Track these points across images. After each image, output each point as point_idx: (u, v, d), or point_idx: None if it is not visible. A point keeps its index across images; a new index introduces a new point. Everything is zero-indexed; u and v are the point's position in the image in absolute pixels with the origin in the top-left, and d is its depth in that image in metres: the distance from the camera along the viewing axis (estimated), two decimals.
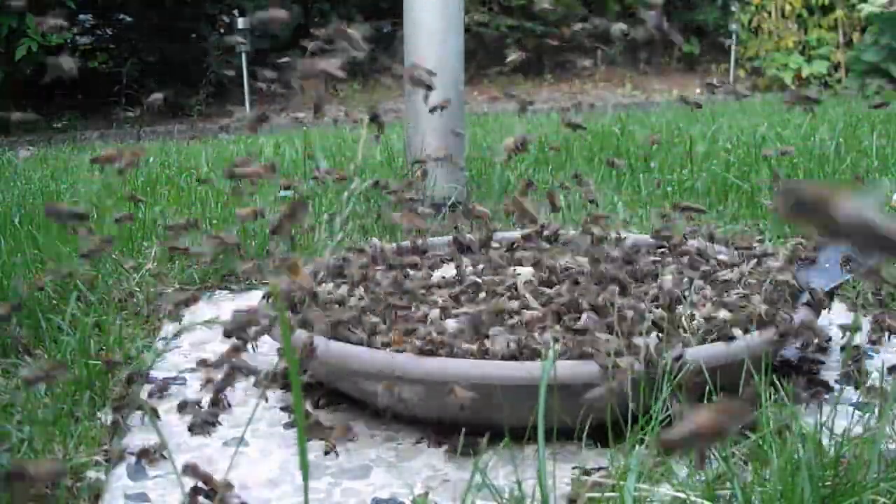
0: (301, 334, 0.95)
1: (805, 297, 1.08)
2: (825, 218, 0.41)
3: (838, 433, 0.80)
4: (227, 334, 0.91)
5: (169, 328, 1.34)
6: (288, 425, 1.00)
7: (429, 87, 0.91)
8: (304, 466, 0.50)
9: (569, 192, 1.85)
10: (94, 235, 1.04)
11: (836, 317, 1.24)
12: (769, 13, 6.97)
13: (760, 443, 0.79)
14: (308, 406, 1.03)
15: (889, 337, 1.13)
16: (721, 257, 1.24)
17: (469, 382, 0.87)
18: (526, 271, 1.12)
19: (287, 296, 1.07)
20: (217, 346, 1.27)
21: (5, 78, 4.88)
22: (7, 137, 4.96)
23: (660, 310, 1.02)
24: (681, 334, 0.97)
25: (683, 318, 1.00)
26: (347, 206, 1.03)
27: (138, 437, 0.97)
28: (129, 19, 6.11)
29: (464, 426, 0.87)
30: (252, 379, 1.11)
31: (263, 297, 1.22)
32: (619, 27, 1.00)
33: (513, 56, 1.57)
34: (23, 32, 4.80)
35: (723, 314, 1.01)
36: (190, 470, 0.76)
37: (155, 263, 1.59)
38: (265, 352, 1.21)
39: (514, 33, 7.34)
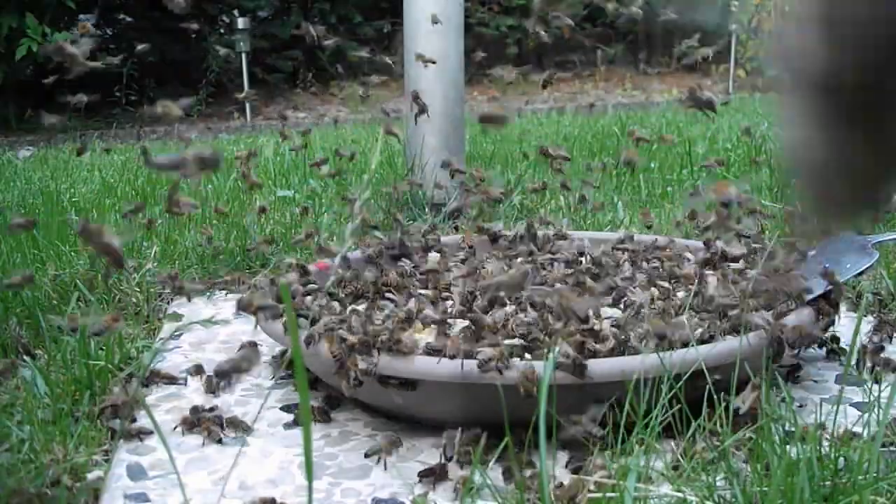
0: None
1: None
2: None
3: (838, 433, 0.80)
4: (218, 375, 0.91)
5: (169, 328, 1.34)
6: (288, 425, 1.00)
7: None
8: (309, 466, 0.50)
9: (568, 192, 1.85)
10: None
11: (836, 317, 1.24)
12: (769, 13, 6.97)
13: (760, 442, 0.78)
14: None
15: (892, 337, 1.14)
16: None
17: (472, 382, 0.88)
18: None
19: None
20: (216, 345, 1.27)
21: (5, 78, 4.88)
22: (7, 138, 4.96)
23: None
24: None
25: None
26: (357, 213, 1.02)
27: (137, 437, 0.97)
28: (129, 19, 6.12)
29: (463, 426, 0.88)
30: (252, 379, 1.11)
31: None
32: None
33: (504, 73, 1.60)
34: (23, 32, 4.79)
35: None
36: None
37: (155, 263, 1.59)
38: (265, 352, 1.21)
39: (514, 33, 7.34)
